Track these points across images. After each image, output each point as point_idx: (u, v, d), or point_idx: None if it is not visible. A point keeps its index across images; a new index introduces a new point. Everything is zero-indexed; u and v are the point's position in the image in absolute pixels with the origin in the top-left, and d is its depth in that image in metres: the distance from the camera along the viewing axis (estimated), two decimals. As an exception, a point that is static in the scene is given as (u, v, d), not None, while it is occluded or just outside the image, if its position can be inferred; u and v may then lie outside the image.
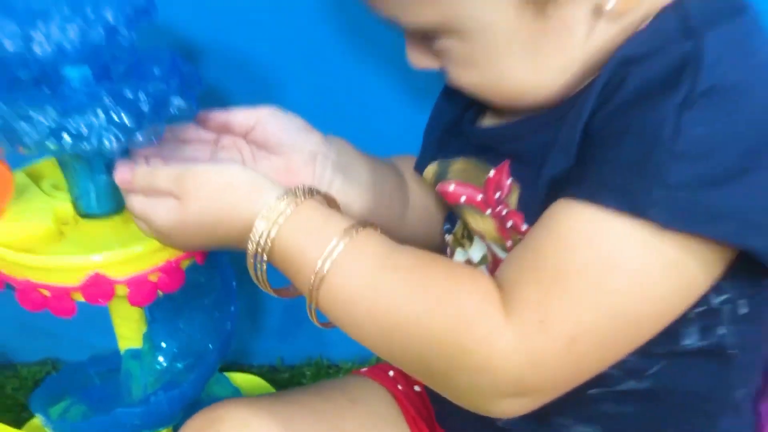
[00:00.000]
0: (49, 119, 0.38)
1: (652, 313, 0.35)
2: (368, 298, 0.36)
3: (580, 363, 0.35)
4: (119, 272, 0.43)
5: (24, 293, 0.43)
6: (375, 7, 0.39)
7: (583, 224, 0.34)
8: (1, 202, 0.44)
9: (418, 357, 0.36)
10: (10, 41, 0.38)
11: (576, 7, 0.36)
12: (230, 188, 0.38)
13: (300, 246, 0.36)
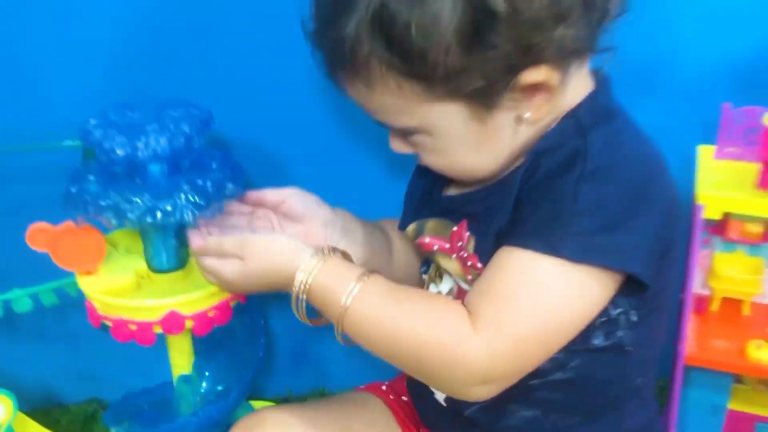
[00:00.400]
0: (146, 202, 0.54)
1: (571, 320, 0.51)
2: (378, 322, 0.52)
3: (527, 357, 0.51)
4: (187, 310, 0.59)
5: (117, 328, 0.58)
6: (369, 113, 0.55)
7: (519, 262, 0.50)
8: (97, 262, 0.60)
9: (415, 361, 0.51)
10: (121, 149, 0.54)
11: (504, 116, 0.52)
12: (279, 250, 0.54)
13: (329, 288, 0.52)
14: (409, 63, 0.48)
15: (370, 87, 0.51)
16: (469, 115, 0.51)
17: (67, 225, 0.59)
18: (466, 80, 0.49)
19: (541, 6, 0.47)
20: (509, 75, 0.49)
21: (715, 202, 0.58)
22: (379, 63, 0.49)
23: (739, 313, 0.69)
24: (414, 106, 0.51)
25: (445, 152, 0.54)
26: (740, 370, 0.64)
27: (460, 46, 0.47)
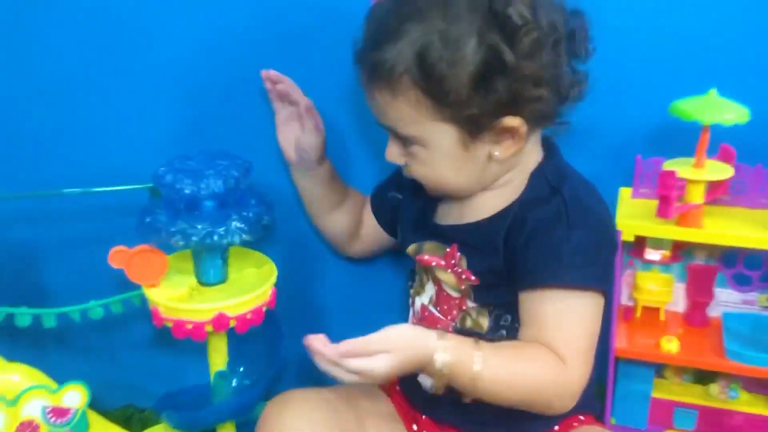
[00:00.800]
0: (206, 227, 0.72)
1: (596, 327, 0.70)
2: (506, 378, 0.66)
3: (590, 364, 0.69)
4: (231, 312, 0.76)
5: (176, 327, 0.75)
6: (383, 118, 0.70)
7: (555, 301, 0.68)
8: (160, 277, 0.78)
9: (536, 397, 0.68)
10: (188, 189, 0.72)
11: (480, 149, 0.69)
12: (416, 338, 0.64)
13: (462, 362, 0.64)
14: (431, 85, 0.65)
15: (395, 96, 0.67)
16: (457, 139, 0.68)
17: (139, 247, 0.76)
18: (465, 108, 0.65)
19: (531, 71, 0.65)
20: (495, 114, 0.66)
21: (629, 227, 0.77)
22: (408, 80, 0.65)
23: (657, 318, 0.87)
24: (422, 119, 0.67)
25: (432, 165, 0.70)
26: (656, 359, 0.82)
27: (471, 81, 0.64)
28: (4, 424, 0.74)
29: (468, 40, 0.63)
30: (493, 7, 0.63)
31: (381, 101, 0.69)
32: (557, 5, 0.68)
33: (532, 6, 0.64)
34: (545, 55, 0.65)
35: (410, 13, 0.65)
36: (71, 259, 0.92)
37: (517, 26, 0.63)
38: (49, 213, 0.90)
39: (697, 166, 0.76)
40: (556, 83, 0.68)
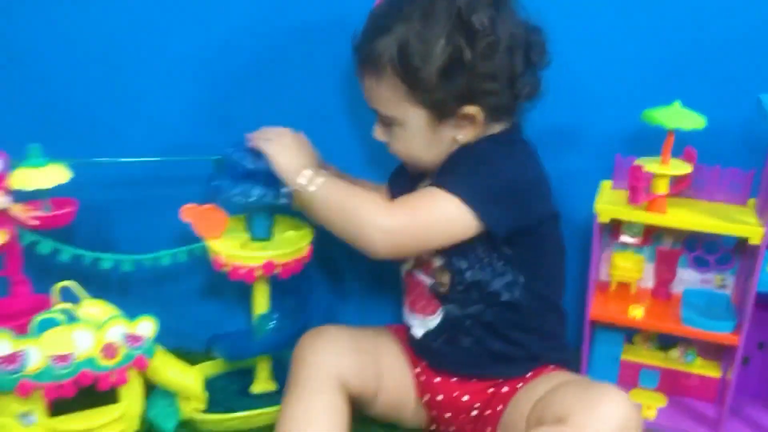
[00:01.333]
0: (261, 191, 0.90)
1: (442, 225, 0.82)
2: (329, 201, 0.84)
3: (415, 227, 0.82)
4: (278, 260, 0.93)
5: (233, 271, 0.93)
6: (371, 102, 0.86)
7: (423, 189, 0.84)
8: (219, 231, 0.95)
9: (344, 224, 0.83)
10: (250, 165, 0.89)
11: (445, 132, 0.85)
12: (300, 159, 0.87)
13: (304, 185, 0.84)
14: (407, 73, 0.81)
15: (380, 82, 0.83)
16: (427, 121, 0.84)
17: (205, 206, 0.94)
18: (433, 94, 0.82)
19: (488, 67, 0.81)
20: (456, 102, 0.83)
21: (606, 211, 0.93)
22: (390, 69, 0.82)
23: (629, 292, 1.02)
24: (401, 102, 0.83)
25: (407, 143, 0.87)
26: (624, 323, 0.98)
27: (438, 73, 0.80)
28: (93, 344, 0.91)
29: (438, 40, 0.79)
30: (461, 15, 0.79)
31: (368, 86, 0.86)
32: (520, 22, 0.84)
33: (493, 18, 0.80)
34: (499, 58, 0.81)
35: (397, 15, 0.81)
36: (139, 218, 1.09)
37: (477, 31, 0.79)
38: (120, 178, 1.07)
39: (663, 163, 0.92)
40: (510, 82, 0.83)
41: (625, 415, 0.75)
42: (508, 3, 0.84)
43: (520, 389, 0.88)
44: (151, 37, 1.03)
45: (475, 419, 0.91)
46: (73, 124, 1.04)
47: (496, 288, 0.87)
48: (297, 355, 0.89)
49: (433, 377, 0.94)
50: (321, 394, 0.84)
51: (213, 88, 1.06)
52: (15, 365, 0.88)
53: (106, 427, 0.95)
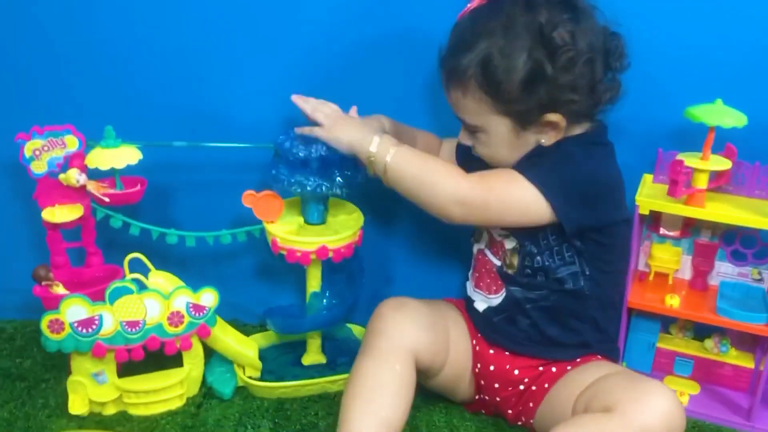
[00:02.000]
0: (316, 180, 0.96)
1: (517, 207, 0.87)
2: (408, 163, 0.88)
3: (489, 202, 0.87)
4: (331, 245, 0.99)
5: (289, 254, 0.99)
6: (457, 111, 0.90)
7: (506, 170, 0.88)
8: (276, 216, 1.02)
9: (422, 185, 0.88)
10: (302, 153, 0.95)
11: (529, 137, 0.89)
12: (365, 126, 0.93)
13: (379, 153, 0.89)
14: (491, 86, 0.85)
15: (465, 95, 0.88)
16: (511, 128, 0.88)
17: (264, 192, 1.00)
18: (515, 105, 0.86)
19: (568, 79, 0.84)
20: (538, 111, 0.87)
21: (646, 203, 0.97)
22: (475, 82, 0.86)
23: (666, 282, 1.06)
24: (484, 112, 0.88)
25: (492, 147, 0.91)
26: (660, 311, 1.01)
27: (520, 86, 0.84)
28: (160, 312, 0.99)
29: (520, 55, 0.83)
30: (542, 30, 0.83)
31: (455, 98, 0.90)
32: (599, 30, 0.87)
33: (572, 31, 0.84)
34: (578, 69, 0.84)
35: (481, 31, 0.85)
36: (201, 200, 1.16)
37: (558, 46, 0.83)
38: (185, 162, 1.14)
39: (703, 158, 0.95)
40: (590, 90, 0.87)
41: (671, 411, 0.78)
42: (587, 13, 0.86)
43: (569, 372, 0.93)
44: (222, 29, 1.09)
45: (521, 393, 0.96)
46: (145, 110, 1.12)
47: (561, 275, 0.92)
48: (375, 324, 0.92)
49: (487, 348, 0.98)
50: (394, 364, 0.88)
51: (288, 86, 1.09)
52: (91, 328, 0.97)
53: (169, 389, 1.03)
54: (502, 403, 0.98)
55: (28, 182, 1.03)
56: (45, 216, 1.01)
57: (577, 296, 0.93)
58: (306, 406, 1.04)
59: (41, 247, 1.08)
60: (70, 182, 1.00)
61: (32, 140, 0.99)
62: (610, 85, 0.89)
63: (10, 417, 1.00)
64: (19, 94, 1.12)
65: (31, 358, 1.14)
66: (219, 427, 1.00)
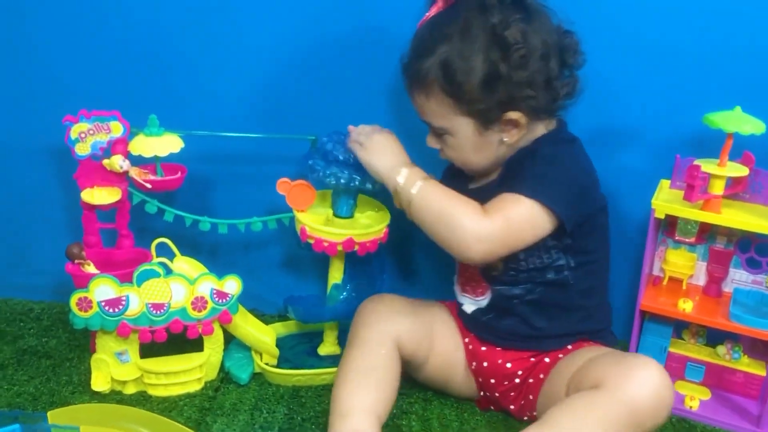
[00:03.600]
0: (350, 174, 0.99)
1: (529, 229, 0.88)
2: (431, 202, 0.89)
3: (507, 236, 0.88)
4: (357, 238, 1.02)
5: (317, 243, 1.02)
6: (422, 115, 0.93)
7: (506, 195, 0.88)
8: (307, 205, 1.05)
9: (444, 226, 0.89)
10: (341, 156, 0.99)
11: (493, 136, 0.91)
12: (397, 155, 0.95)
13: (406, 185, 0.91)
14: (452, 88, 0.88)
15: (429, 98, 0.91)
16: (474, 129, 0.91)
17: (298, 181, 1.03)
18: (476, 105, 0.89)
19: (523, 76, 0.87)
20: (499, 110, 0.90)
21: (662, 207, 0.99)
22: (437, 85, 0.89)
23: (680, 287, 1.07)
24: (449, 114, 0.91)
25: (458, 149, 0.94)
26: (673, 314, 1.02)
27: (480, 86, 0.87)
28: (185, 296, 1.02)
29: (477, 56, 0.87)
30: (495, 31, 0.86)
31: (419, 102, 0.94)
32: (552, 29, 0.90)
33: (524, 31, 0.87)
34: (533, 65, 0.87)
35: (439, 35, 0.89)
36: (234, 189, 1.20)
37: (510, 44, 0.86)
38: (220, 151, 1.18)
39: (720, 164, 0.97)
40: (546, 86, 0.90)
41: (658, 381, 0.80)
42: (538, 14, 0.90)
43: (561, 360, 0.95)
44: (267, 22, 1.13)
45: (519, 386, 0.98)
46: (187, 99, 1.16)
47: (545, 268, 0.94)
48: (358, 317, 0.98)
49: (479, 346, 1.00)
50: (379, 350, 0.93)
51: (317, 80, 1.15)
52: (118, 308, 1.00)
53: (189, 372, 1.06)
54: (503, 399, 1.00)
55: (64, 167, 1.07)
56: (84, 196, 1.05)
57: (561, 287, 0.95)
58: (320, 394, 1.07)
59: (72, 231, 1.12)
60: (113, 167, 1.04)
61: (79, 123, 1.04)
62: (567, 81, 0.92)
63: (35, 392, 1.04)
64: (70, 80, 1.16)
65: (56, 338, 1.17)
66: (235, 410, 1.02)
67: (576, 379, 0.87)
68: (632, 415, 0.79)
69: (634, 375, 0.80)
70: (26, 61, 1.16)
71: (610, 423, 0.79)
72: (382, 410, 0.90)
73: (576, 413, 0.81)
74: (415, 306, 1.01)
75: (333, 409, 0.90)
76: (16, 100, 1.18)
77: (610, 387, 0.80)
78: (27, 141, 1.19)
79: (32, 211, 1.24)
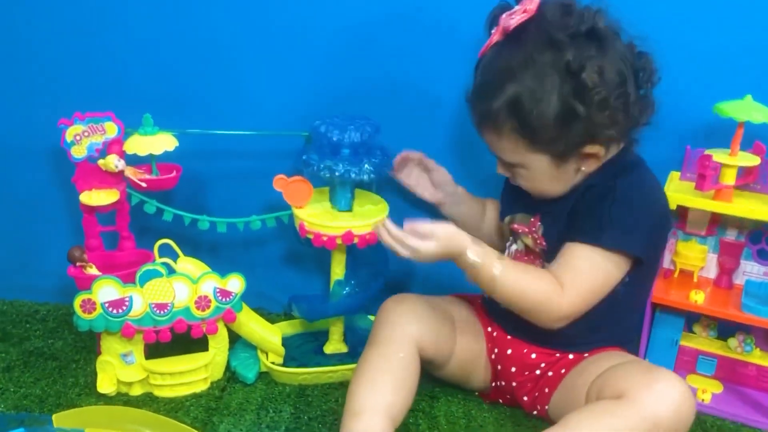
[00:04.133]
0: (345, 166, 0.98)
1: (606, 283, 0.89)
2: (512, 286, 0.87)
3: (585, 305, 0.88)
4: (357, 231, 1.01)
5: (316, 238, 1.01)
6: (493, 150, 0.91)
7: (580, 250, 0.88)
8: (305, 201, 1.04)
9: (530, 307, 0.88)
10: (335, 137, 0.98)
11: (570, 167, 0.89)
12: (456, 238, 0.86)
13: (486, 264, 0.86)
14: (525, 130, 0.85)
15: (500, 137, 0.88)
16: (550, 163, 0.89)
17: (294, 177, 1.02)
18: (552, 144, 0.87)
19: (604, 116, 0.84)
20: (576, 147, 0.87)
21: (671, 198, 0.97)
22: (508, 126, 0.86)
23: (691, 280, 1.06)
24: (521, 151, 0.88)
25: (533, 181, 0.92)
26: (685, 306, 1.01)
27: (555, 126, 0.84)
28: (188, 296, 1.01)
29: (551, 97, 0.83)
30: (570, 69, 0.82)
31: (489, 139, 0.91)
32: (626, 54, 0.86)
33: (601, 68, 0.82)
34: (613, 102, 0.84)
35: (505, 71, 0.85)
36: (231, 187, 1.19)
37: (589, 88, 0.82)
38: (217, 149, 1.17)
39: (732, 154, 0.95)
40: (626, 117, 0.87)
41: (680, 398, 0.79)
42: (611, 40, 0.85)
43: (585, 359, 0.94)
44: (257, 19, 1.12)
45: (537, 378, 0.97)
46: (180, 99, 1.15)
47: None
48: (380, 317, 0.96)
49: (506, 335, 0.99)
50: (398, 352, 0.91)
51: (318, 77, 1.14)
52: (121, 309, 0.99)
53: (194, 372, 1.05)
54: (518, 389, 0.98)
55: (66, 170, 1.07)
56: (82, 199, 1.04)
57: (610, 299, 0.92)
58: (326, 392, 1.06)
59: (76, 233, 1.11)
60: (109, 167, 1.04)
61: (74, 126, 1.03)
62: (644, 104, 0.89)
63: (42, 394, 1.03)
64: (62, 83, 1.16)
65: (62, 339, 1.17)
66: (242, 410, 1.02)
67: (598, 385, 0.85)
68: (652, 429, 0.78)
69: (657, 389, 0.79)
70: (25, 62, 1.16)
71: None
72: (397, 413, 0.88)
73: (596, 421, 0.80)
74: (434, 307, 0.99)
75: (347, 407, 0.88)
76: (18, 102, 1.17)
77: (632, 399, 0.79)
78: (29, 143, 1.18)
79: (36, 213, 1.23)
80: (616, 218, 0.87)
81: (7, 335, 1.18)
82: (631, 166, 0.91)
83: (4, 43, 1.15)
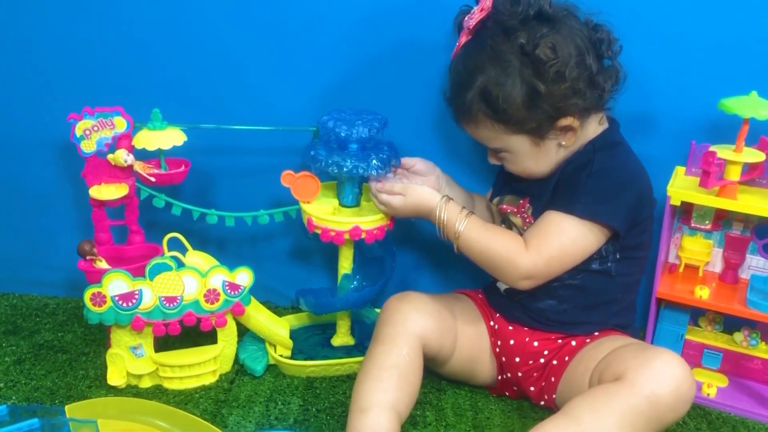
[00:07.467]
0: (353, 162, 0.99)
1: (577, 252, 0.92)
2: (475, 242, 0.93)
3: (551, 268, 0.92)
4: (364, 226, 1.02)
5: (324, 233, 1.02)
6: (477, 139, 0.97)
7: (552, 217, 0.92)
8: (313, 196, 1.05)
9: (493, 263, 0.93)
10: (343, 132, 0.98)
11: (550, 144, 0.93)
12: (425, 195, 0.96)
13: (451, 219, 0.94)
14: (497, 115, 0.91)
15: (477, 126, 0.94)
16: (530, 143, 0.93)
17: (302, 172, 1.03)
18: (525, 124, 0.91)
19: (564, 88, 0.88)
20: (550, 121, 0.91)
21: (677, 194, 0.98)
22: (482, 115, 0.92)
23: (696, 274, 1.06)
24: (500, 136, 0.94)
25: (519, 163, 0.96)
26: (689, 302, 1.01)
27: (523, 106, 0.90)
28: (197, 289, 1.02)
29: (513, 80, 0.89)
30: (524, 51, 0.88)
31: (470, 130, 0.97)
32: (580, 27, 0.91)
33: (554, 43, 0.87)
34: (571, 74, 0.88)
35: (472, 66, 0.92)
36: (239, 182, 1.20)
37: (543, 62, 0.87)
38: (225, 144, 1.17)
39: (736, 150, 0.95)
40: (591, 85, 0.90)
41: (679, 375, 0.81)
42: (564, 19, 0.90)
43: (587, 345, 0.95)
44: (265, 15, 1.12)
45: (542, 367, 0.98)
46: (188, 94, 1.16)
47: (592, 257, 0.94)
48: (384, 314, 0.98)
49: (507, 325, 1.01)
50: (402, 349, 0.93)
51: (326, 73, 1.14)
52: (131, 302, 1.00)
53: (203, 365, 1.06)
54: (524, 379, 1.00)
55: (76, 164, 1.08)
56: (92, 193, 1.05)
57: (603, 276, 0.96)
58: (334, 384, 1.07)
59: (86, 227, 1.12)
60: (118, 162, 1.05)
61: (83, 120, 1.04)
62: (609, 72, 0.92)
63: (52, 386, 1.05)
64: (72, 78, 1.16)
65: (72, 332, 1.18)
66: (250, 402, 1.03)
67: (599, 369, 0.87)
68: (652, 408, 0.79)
69: (655, 368, 0.81)
70: (35, 57, 1.17)
71: (630, 415, 0.79)
72: (403, 408, 0.90)
73: (596, 405, 0.81)
74: (437, 304, 1.00)
75: (353, 404, 0.90)
76: (28, 97, 1.18)
77: (631, 380, 0.80)
78: (39, 138, 1.19)
79: (46, 207, 1.24)
80: (591, 189, 0.91)
81: (17, 328, 1.19)
82: (612, 144, 0.95)
83: (14, 39, 1.16)
